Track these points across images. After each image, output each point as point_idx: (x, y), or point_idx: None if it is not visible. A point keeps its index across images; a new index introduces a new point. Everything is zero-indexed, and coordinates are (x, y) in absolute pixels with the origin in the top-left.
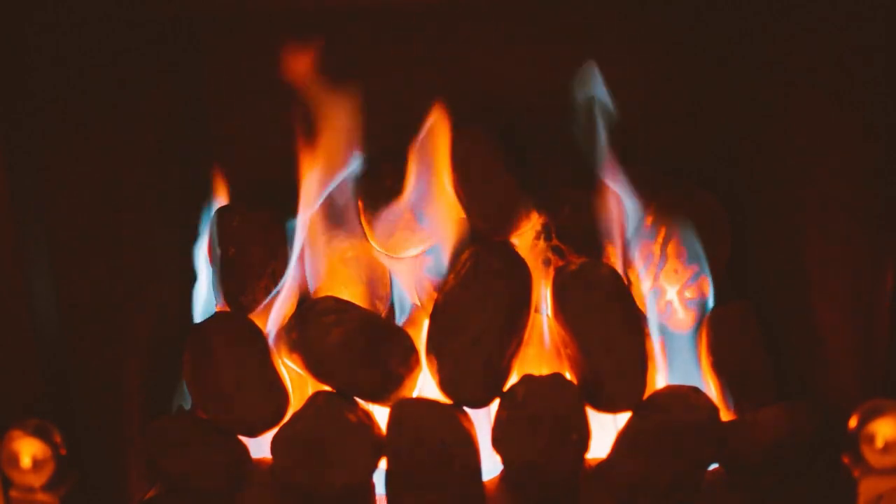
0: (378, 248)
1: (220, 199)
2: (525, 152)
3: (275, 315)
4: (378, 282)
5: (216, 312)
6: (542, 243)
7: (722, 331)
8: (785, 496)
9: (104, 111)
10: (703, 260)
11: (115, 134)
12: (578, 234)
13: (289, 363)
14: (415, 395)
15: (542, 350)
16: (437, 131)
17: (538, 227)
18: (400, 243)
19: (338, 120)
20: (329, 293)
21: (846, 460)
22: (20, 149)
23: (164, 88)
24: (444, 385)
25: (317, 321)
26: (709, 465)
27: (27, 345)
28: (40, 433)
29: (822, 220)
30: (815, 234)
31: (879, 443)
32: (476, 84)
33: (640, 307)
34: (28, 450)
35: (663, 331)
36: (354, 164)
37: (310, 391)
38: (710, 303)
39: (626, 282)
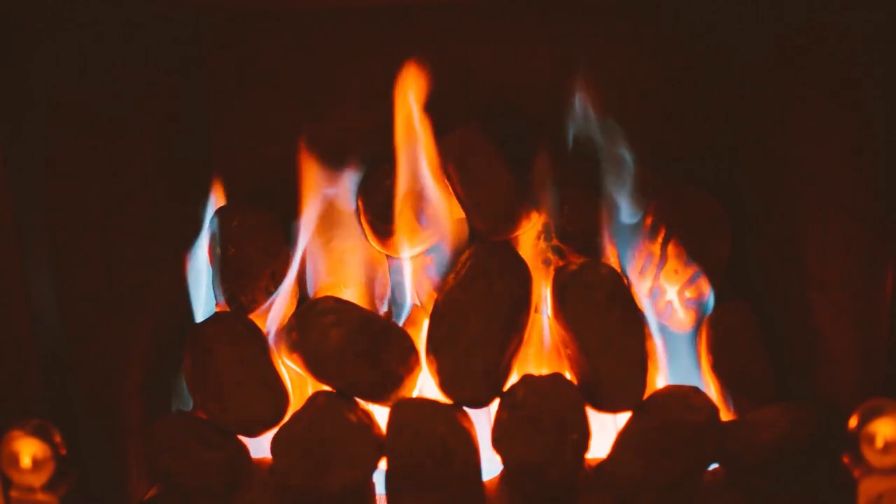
0: (378, 248)
1: (220, 199)
2: (525, 152)
3: (275, 315)
4: (378, 282)
5: (216, 312)
6: (542, 243)
7: (722, 331)
8: (785, 496)
9: (105, 111)
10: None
11: (115, 134)
12: (578, 234)
13: (289, 363)
14: (415, 395)
15: (542, 350)
16: (437, 131)
17: (538, 227)
18: (400, 243)
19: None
20: (329, 293)
21: (846, 460)
22: (21, 149)
23: (165, 88)
24: (444, 385)
25: (317, 321)
26: (709, 465)
27: (27, 345)
28: (40, 433)
29: (822, 220)
30: (815, 234)
31: (879, 443)
32: (476, 84)
33: (640, 307)
34: (28, 450)
35: (663, 331)
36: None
37: (310, 391)
38: (710, 303)
39: (626, 282)
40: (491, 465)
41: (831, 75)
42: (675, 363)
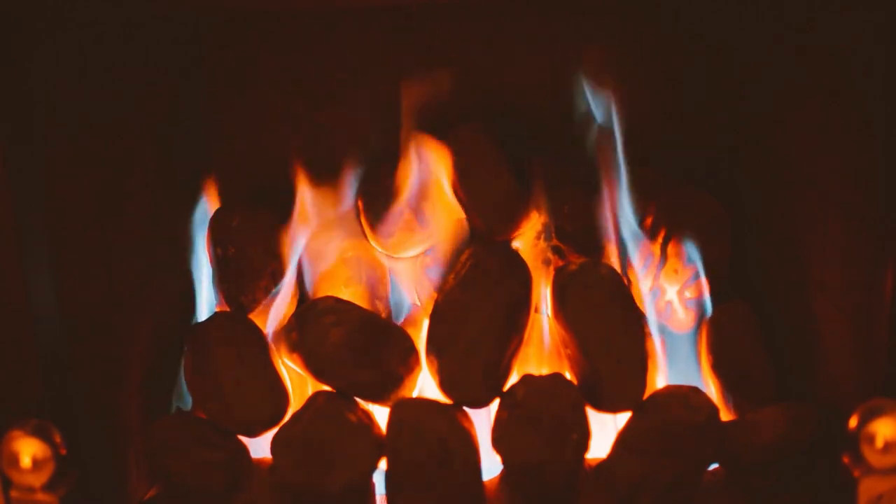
0: (378, 248)
1: (220, 199)
2: (525, 152)
3: (275, 315)
4: (378, 282)
5: (216, 312)
6: (542, 243)
7: (722, 331)
8: (785, 496)
9: (105, 111)
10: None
11: (115, 134)
12: (578, 234)
13: (289, 363)
14: (415, 395)
15: (542, 350)
16: (437, 131)
17: (538, 227)
18: (400, 243)
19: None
20: (329, 293)
21: (846, 460)
22: (21, 149)
23: (165, 88)
24: (444, 385)
25: (317, 321)
26: (709, 465)
27: (27, 345)
28: (40, 433)
29: (822, 220)
30: (815, 234)
31: (879, 443)
32: (476, 84)
33: (640, 307)
34: (28, 450)
35: (663, 331)
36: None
37: (310, 391)
38: (710, 303)
39: (626, 282)
40: (491, 465)
41: (831, 75)
42: (675, 363)
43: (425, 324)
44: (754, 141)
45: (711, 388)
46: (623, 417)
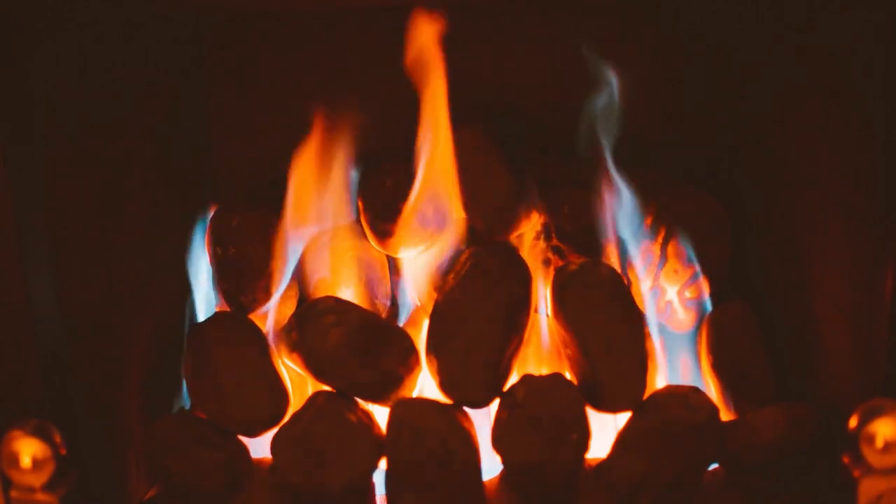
0: (378, 248)
1: (220, 199)
2: (525, 152)
3: (275, 315)
4: (378, 282)
5: (216, 312)
6: (542, 243)
7: (722, 331)
8: (785, 496)
9: (105, 111)
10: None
11: (115, 134)
12: (578, 234)
13: (289, 363)
14: (415, 395)
15: (541, 350)
16: (437, 131)
17: (538, 227)
18: (400, 243)
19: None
20: (329, 293)
21: (846, 460)
22: (21, 149)
23: (165, 88)
24: (444, 385)
25: (317, 321)
26: (709, 464)
27: (27, 345)
28: (40, 433)
29: (822, 220)
30: (815, 235)
31: (879, 443)
32: (476, 84)
33: (640, 307)
34: (28, 450)
35: (663, 331)
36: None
37: (310, 391)
38: (710, 303)
39: (626, 282)
40: (491, 465)
41: (831, 75)
42: (675, 363)
43: (425, 324)
44: (754, 141)
45: (711, 388)
46: (623, 417)
